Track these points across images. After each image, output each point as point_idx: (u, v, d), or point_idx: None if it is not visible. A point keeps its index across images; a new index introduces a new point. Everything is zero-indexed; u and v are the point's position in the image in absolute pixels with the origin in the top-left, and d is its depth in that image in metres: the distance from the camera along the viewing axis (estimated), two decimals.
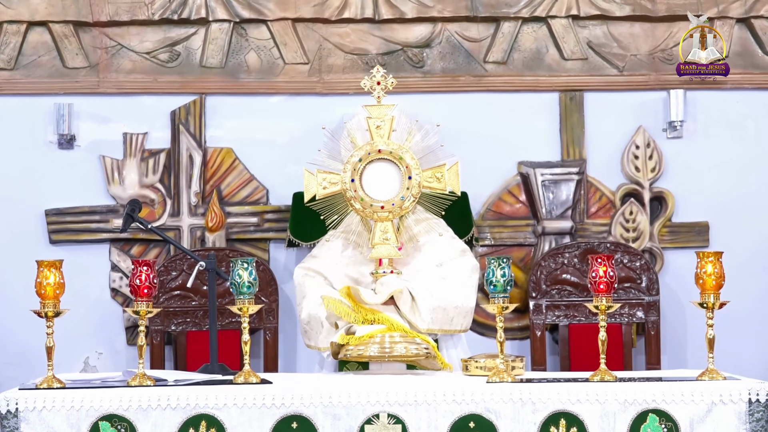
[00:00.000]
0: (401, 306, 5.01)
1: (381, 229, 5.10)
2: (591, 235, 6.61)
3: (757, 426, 4.28)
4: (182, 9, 6.53)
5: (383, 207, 5.10)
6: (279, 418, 4.28)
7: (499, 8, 6.61)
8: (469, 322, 5.22)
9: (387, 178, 5.15)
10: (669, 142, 6.65)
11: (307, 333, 5.18)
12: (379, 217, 5.10)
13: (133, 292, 4.48)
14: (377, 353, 4.77)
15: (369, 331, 4.79)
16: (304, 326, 5.19)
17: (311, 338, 5.16)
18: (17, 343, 6.31)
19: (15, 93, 6.49)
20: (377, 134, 5.15)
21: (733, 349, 6.26)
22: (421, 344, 4.81)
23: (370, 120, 5.16)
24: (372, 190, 5.13)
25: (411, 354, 4.78)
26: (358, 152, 5.14)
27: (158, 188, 6.52)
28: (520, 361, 4.63)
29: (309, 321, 5.14)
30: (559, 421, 4.29)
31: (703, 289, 4.47)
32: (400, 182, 5.14)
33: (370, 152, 5.13)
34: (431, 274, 5.18)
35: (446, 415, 4.29)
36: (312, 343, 5.17)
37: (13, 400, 4.25)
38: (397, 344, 4.78)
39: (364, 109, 5.22)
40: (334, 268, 5.25)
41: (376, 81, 5.27)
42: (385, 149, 5.13)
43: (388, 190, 5.14)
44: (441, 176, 5.18)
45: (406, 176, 5.12)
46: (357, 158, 5.12)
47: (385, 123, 5.16)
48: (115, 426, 4.26)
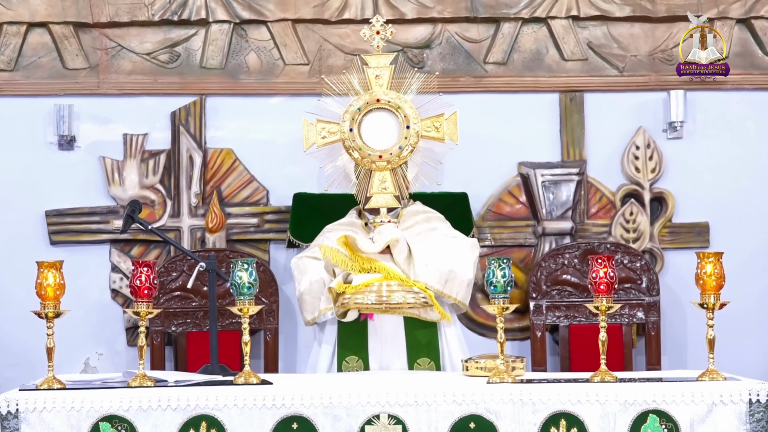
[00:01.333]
0: (397, 255, 5.00)
1: (379, 178, 5.11)
2: (591, 236, 6.61)
3: (757, 426, 4.28)
4: (182, 10, 6.53)
5: (381, 156, 5.10)
6: (279, 419, 4.28)
7: (499, 9, 6.61)
8: (465, 294, 5.17)
9: (385, 128, 5.16)
10: (669, 143, 6.65)
11: (307, 303, 5.14)
12: (377, 166, 5.10)
13: (134, 293, 4.48)
14: (374, 301, 4.78)
15: (366, 279, 4.79)
16: (304, 297, 5.15)
17: (311, 307, 5.10)
18: (17, 344, 6.31)
19: (15, 94, 6.49)
20: (376, 84, 5.15)
21: (734, 350, 6.26)
22: (419, 293, 4.82)
23: (369, 70, 5.16)
24: (371, 140, 5.13)
25: (408, 302, 4.78)
26: (357, 102, 5.13)
27: (158, 189, 6.52)
28: (521, 361, 4.63)
29: (310, 288, 5.10)
30: (559, 422, 4.29)
31: (704, 289, 4.47)
32: (399, 132, 5.14)
33: (369, 102, 5.13)
34: (428, 236, 5.20)
35: (446, 416, 4.29)
36: (311, 312, 5.11)
37: (14, 400, 4.25)
38: (394, 293, 4.80)
39: (363, 58, 5.22)
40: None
41: (376, 30, 5.28)
42: (383, 98, 5.13)
43: (386, 139, 5.15)
44: (440, 126, 5.20)
45: (404, 125, 5.13)
46: (356, 108, 5.11)
47: (384, 73, 5.16)
48: (115, 427, 4.26)
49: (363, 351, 5.16)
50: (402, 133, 5.12)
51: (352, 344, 5.15)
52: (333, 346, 5.23)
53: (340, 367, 5.18)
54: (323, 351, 5.24)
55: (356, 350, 5.16)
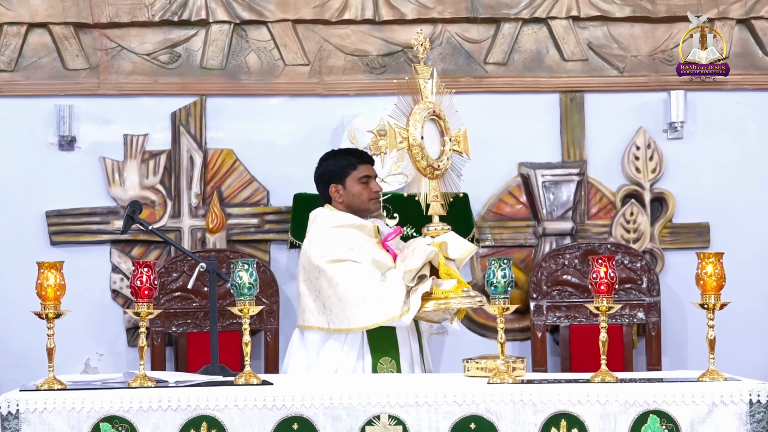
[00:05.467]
0: (461, 265, 5.10)
1: (432, 187, 5.11)
2: (591, 236, 6.61)
3: (758, 427, 4.28)
4: (182, 10, 6.53)
5: (438, 166, 5.12)
6: (280, 420, 4.28)
7: (499, 9, 6.62)
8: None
9: (433, 138, 5.15)
10: (669, 143, 6.65)
11: (376, 307, 5.02)
12: (434, 175, 5.11)
13: (134, 294, 4.48)
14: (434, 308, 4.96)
15: (452, 285, 4.96)
16: (372, 302, 5.01)
17: (381, 309, 5.00)
18: (18, 344, 6.31)
19: (15, 95, 6.50)
20: (424, 93, 5.15)
21: (734, 350, 6.26)
22: (475, 297, 4.99)
23: (419, 79, 5.14)
24: (427, 149, 5.12)
25: (464, 305, 4.96)
26: (420, 109, 5.10)
27: (159, 190, 6.52)
28: (521, 362, 4.63)
29: (384, 292, 5.03)
30: (559, 422, 4.29)
31: (704, 289, 4.46)
32: (440, 143, 5.15)
33: (429, 111, 5.12)
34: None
35: (447, 416, 4.28)
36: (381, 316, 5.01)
37: (14, 401, 4.25)
38: (451, 299, 4.97)
39: (415, 68, 5.19)
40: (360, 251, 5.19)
41: (420, 42, 5.27)
42: (437, 110, 5.15)
43: (433, 149, 5.14)
44: (460, 140, 5.22)
45: (447, 137, 5.14)
46: (422, 116, 5.09)
47: (428, 83, 5.16)
48: (115, 427, 4.26)
49: (394, 352, 5.17)
50: (446, 144, 5.14)
51: (384, 347, 5.16)
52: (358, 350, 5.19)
53: (375, 369, 5.16)
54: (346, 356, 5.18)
55: (388, 352, 5.17)
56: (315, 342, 5.18)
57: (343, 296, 5.05)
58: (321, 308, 5.10)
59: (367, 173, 5.31)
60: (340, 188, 5.31)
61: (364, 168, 5.31)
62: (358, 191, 5.30)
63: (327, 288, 5.08)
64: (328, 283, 5.07)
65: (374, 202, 5.33)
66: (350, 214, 5.29)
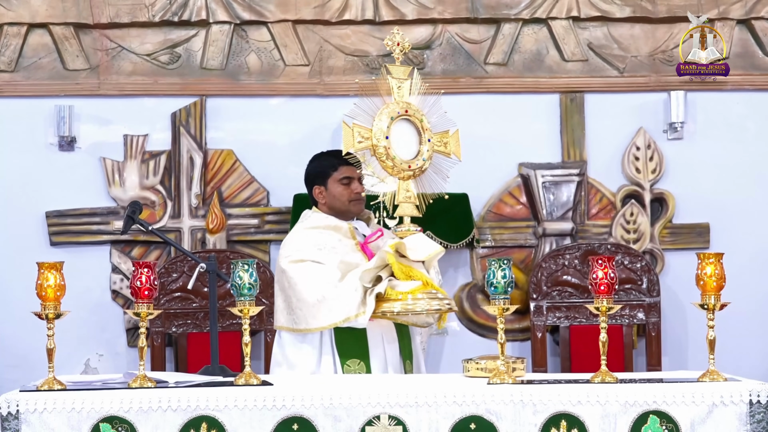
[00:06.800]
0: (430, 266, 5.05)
1: (404, 187, 5.09)
2: (591, 237, 6.61)
3: (758, 427, 4.28)
4: (183, 11, 6.53)
5: (410, 166, 5.08)
6: (280, 420, 4.28)
7: (499, 10, 6.62)
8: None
9: (408, 138, 5.12)
10: (669, 144, 6.65)
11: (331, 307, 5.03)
12: (405, 175, 5.08)
13: (134, 294, 4.48)
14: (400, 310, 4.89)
15: (412, 287, 4.89)
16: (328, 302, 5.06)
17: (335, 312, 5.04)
18: (18, 345, 6.31)
19: (15, 95, 6.50)
20: (398, 94, 5.12)
21: (734, 351, 6.26)
22: (443, 299, 4.94)
23: (392, 80, 5.12)
24: (397, 149, 5.08)
25: (433, 308, 4.90)
26: (388, 110, 5.07)
27: (159, 190, 6.52)
28: (521, 362, 4.63)
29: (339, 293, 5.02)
30: (560, 423, 4.28)
31: (704, 290, 4.46)
32: (417, 142, 5.12)
33: (400, 111, 5.10)
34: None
35: (447, 417, 4.28)
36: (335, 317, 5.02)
37: (14, 401, 4.25)
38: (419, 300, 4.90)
39: (386, 68, 5.17)
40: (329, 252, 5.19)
41: (396, 42, 5.23)
42: (410, 110, 5.12)
43: (408, 149, 5.11)
44: (447, 142, 5.19)
45: (426, 137, 5.12)
46: (390, 116, 5.07)
47: (404, 84, 5.13)
48: (115, 428, 4.26)
49: (364, 354, 5.15)
50: (424, 145, 5.11)
51: (352, 349, 5.14)
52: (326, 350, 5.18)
53: (343, 371, 5.16)
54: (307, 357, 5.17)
55: (357, 354, 5.15)
56: (287, 341, 5.20)
57: (301, 296, 5.08)
58: (289, 308, 5.14)
59: (348, 174, 5.29)
60: (322, 189, 5.31)
61: (345, 169, 5.28)
62: (339, 192, 5.29)
63: (287, 288, 5.12)
64: (288, 283, 5.12)
65: (356, 203, 5.30)
66: (331, 215, 5.29)
